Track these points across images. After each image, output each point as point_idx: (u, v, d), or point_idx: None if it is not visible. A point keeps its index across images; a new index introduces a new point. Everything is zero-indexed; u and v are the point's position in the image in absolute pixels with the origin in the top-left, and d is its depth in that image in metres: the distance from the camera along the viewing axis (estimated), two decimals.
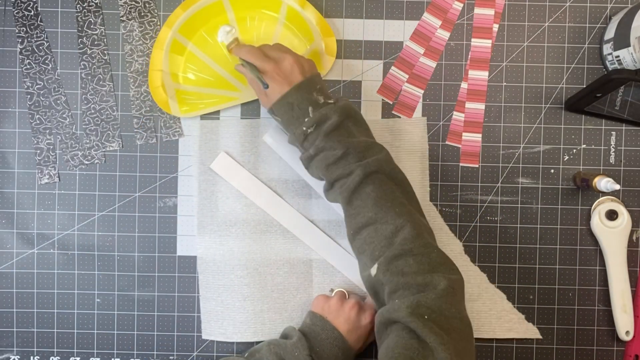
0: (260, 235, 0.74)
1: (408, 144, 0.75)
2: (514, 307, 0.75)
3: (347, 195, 0.61)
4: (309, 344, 0.65)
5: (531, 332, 0.74)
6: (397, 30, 0.75)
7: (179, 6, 0.73)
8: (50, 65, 0.75)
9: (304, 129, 0.62)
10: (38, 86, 0.75)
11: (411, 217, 0.59)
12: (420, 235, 0.58)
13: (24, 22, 0.74)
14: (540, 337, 0.75)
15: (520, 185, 0.75)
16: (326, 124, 0.62)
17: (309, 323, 0.68)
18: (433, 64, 0.75)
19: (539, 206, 0.75)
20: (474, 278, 0.74)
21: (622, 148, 0.75)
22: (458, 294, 0.57)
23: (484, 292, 0.75)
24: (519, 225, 0.75)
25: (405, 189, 0.62)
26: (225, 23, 0.74)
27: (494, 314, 0.74)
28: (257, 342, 0.74)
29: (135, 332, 0.75)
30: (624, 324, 0.73)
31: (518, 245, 0.75)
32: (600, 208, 0.74)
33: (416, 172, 0.75)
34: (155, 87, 0.73)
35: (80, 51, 0.75)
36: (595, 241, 0.75)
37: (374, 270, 0.58)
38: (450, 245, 0.75)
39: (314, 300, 0.71)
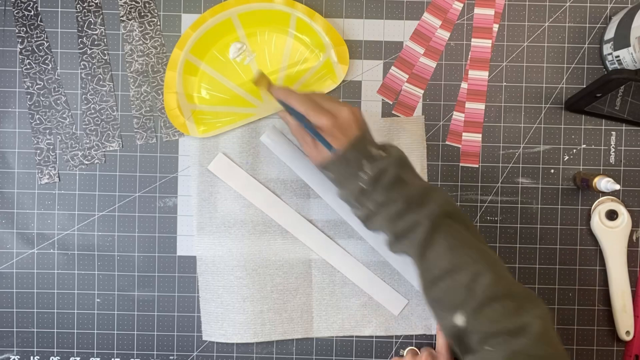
0: (259, 236, 0.74)
1: (406, 143, 0.75)
2: None
3: (417, 249, 0.59)
4: None
5: None
6: (397, 30, 0.75)
7: (189, 27, 0.73)
8: (50, 65, 0.75)
9: (361, 185, 0.60)
10: (38, 86, 0.75)
11: (486, 259, 0.58)
12: (500, 277, 0.57)
13: (24, 22, 0.74)
14: None
15: (520, 185, 0.75)
16: (384, 179, 0.60)
17: None
18: (433, 64, 0.75)
19: (539, 206, 0.75)
20: None
21: (622, 148, 0.75)
22: (551, 330, 0.55)
23: None
24: (519, 225, 0.75)
25: (469, 225, 0.61)
26: (236, 40, 0.74)
27: None
28: (257, 344, 0.75)
29: (135, 332, 0.75)
30: (624, 324, 0.73)
31: (518, 245, 0.75)
32: (600, 208, 0.74)
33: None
34: (171, 109, 0.73)
35: (80, 51, 0.75)
36: (595, 241, 0.75)
37: (459, 320, 0.56)
38: None
39: None
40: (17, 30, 0.74)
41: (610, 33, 0.72)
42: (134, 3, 0.75)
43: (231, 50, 0.74)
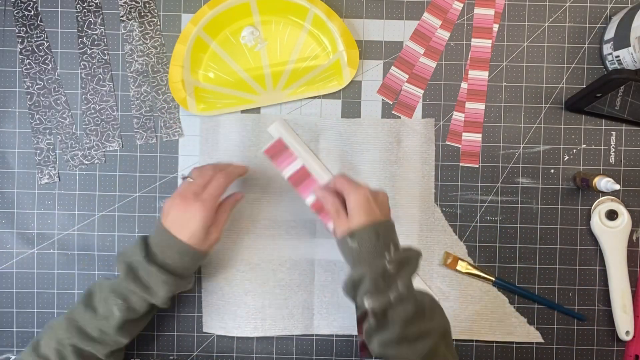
0: (264, 230, 0.74)
1: (416, 145, 0.75)
2: (515, 307, 0.75)
3: (422, 357, 0.59)
4: (148, 247, 0.62)
5: (533, 335, 0.74)
6: (397, 30, 0.75)
7: (206, 4, 0.73)
8: (50, 65, 0.75)
9: (385, 264, 0.59)
10: (38, 86, 0.75)
11: None
12: None
13: (24, 22, 0.74)
14: (542, 340, 0.74)
15: (520, 185, 0.75)
16: (408, 268, 0.60)
17: (154, 227, 0.64)
18: (433, 64, 0.75)
19: (539, 206, 0.75)
20: (475, 280, 0.74)
21: (622, 148, 0.75)
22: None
23: (485, 295, 0.74)
24: (519, 225, 0.75)
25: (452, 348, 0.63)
26: (250, 25, 0.74)
27: (495, 317, 0.74)
28: (258, 343, 0.75)
29: None
30: (624, 324, 0.73)
31: (518, 245, 0.75)
32: (600, 208, 0.74)
33: (422, 173, 0.75)
34: (174, 82, 0.73)
35: (80, 51, 0.75)
36: (595, 241, 0.75)
37: None
38: (454, 247, 0.75)
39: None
40: (17, 30, 0.74)
41: (610, 33, 0.72)
42: (134, 3, 0.75)
43: (244, 32, 0.74)
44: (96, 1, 0.75)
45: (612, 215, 0.73)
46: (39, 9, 0.75)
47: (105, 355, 0.62)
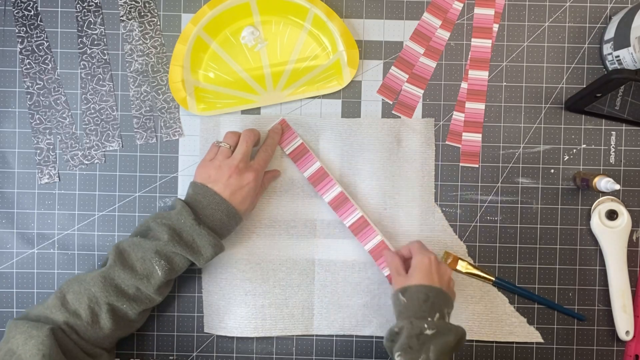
0: (264, 229, 0.74)
1: (416, 145, 0.75)
2: (515, 307, 0.75)
3: None
4: (192, 211, 0.65)
5: (532, 335, 0.74)
6: (397, 30, 0.75)
7: (206, 4, 0.73)
8: (50, 65, 0.75)
9: (426, 326, 0.60)
10: (38, 86, 0.75)
11: None
12: None
13: (24, 22, 0.74)
14: (542, 340, 0.75)
15: (520, 185, 0.75)
16: (445, 338, 0.60)
17: (192, 193, 0.68)
18: (433, 64, 0.75)
19: (539, 206, 0.75)
20: (475, 280, 0.74)
21: (622, 148, 0.75)
22: None
23: (485, 295, 0.74)
24: (519, 225, 0.75)
25: None
26: (250, 25, 0.74)
27: (495, 317, 0.74)
28: (257, 343, 0.75)
29: (136, 332, 0.75)
30: (624, 324, 0.73)
31: (518, 245, 0.75)
32: (600, 208, 0.74)
33: (422, 173, 0.75)
34: (174, 82, 0.73)
35: (80, 51, 0.75)
36: (595, 241, 0.75)
37: None
38: (454, 247, 0.75)
39: (195, 171, 0.69)
40: (17, 30, 0.74)
41: (610, 33, 0.72)
42: (134, 3, 0.75)
43: (244, 32, 0.74)
44: (96, 1, 0.75)
45: (612, 215, 0.73)
46: (39, 8, 0.75)
47: (136, 314, 0.65)
